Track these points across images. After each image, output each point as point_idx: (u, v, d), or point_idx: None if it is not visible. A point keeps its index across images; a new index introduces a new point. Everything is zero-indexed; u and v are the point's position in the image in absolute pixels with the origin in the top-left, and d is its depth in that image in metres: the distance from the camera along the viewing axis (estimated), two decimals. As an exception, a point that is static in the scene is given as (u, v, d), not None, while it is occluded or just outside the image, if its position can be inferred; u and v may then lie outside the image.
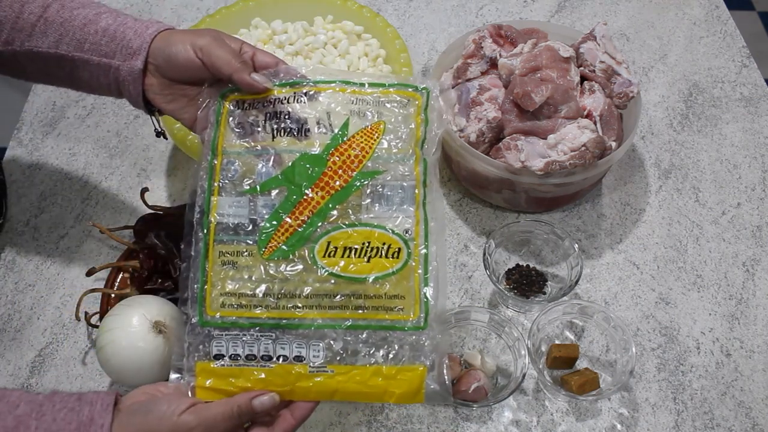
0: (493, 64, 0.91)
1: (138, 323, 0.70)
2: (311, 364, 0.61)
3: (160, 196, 0.95)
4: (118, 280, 0.84)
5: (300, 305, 0.61)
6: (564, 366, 0.79)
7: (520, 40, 0.91)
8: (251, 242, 0.62)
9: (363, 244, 0.62)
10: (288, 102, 0.65)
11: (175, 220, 0.81)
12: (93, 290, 0.81)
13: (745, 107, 1.04)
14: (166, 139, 0.80)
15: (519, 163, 0.82)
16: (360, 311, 0.61)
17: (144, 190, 0.85)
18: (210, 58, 0.64)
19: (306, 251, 0.61)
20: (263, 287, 0.61)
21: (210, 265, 0.61)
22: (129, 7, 1.17)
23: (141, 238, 0.82)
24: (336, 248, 0.62)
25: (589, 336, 0.82)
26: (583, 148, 0.81)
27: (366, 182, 0.63)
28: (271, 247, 0.61)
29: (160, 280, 0.79)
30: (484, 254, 0.81)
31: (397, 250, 0.62)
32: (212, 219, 0.62)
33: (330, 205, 0.62)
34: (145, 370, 0.70)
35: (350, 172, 0.63)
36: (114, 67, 0.67)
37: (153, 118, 0.73)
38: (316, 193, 0.62)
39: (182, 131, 0.85)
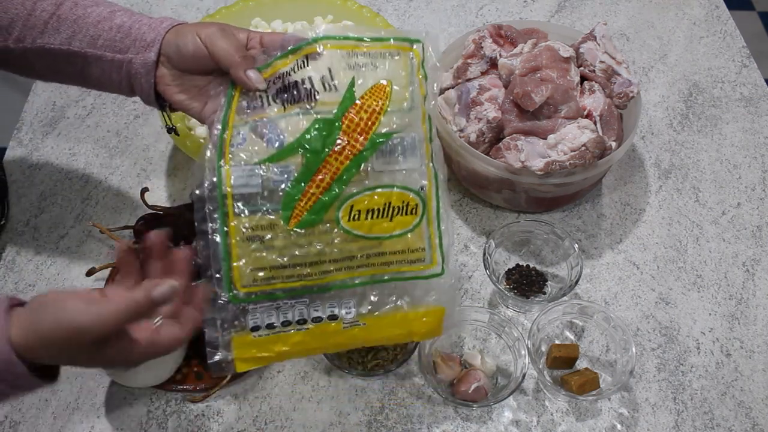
0: (493, 64, 0.91)
1: (138, 323, 0.70)
2: (344, 321, 0.64)
3: (160, 196, 0.95)
4: (118, 280, 0.84)
5: (329, 269, 0.63)
6: (564, 366, 0.79)
7: (520, 40, 0.91)
8: (274, 213, 0.61)
9: (384, 204, 0.64)
10: (294, 72, 0.64)
11: (175, 220, 0.81)
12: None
13: (745, 107, 1.04)
14: (178, 135, 0.79)
15: (519, 163, 0.82)
16: (386, 266, 0.65)
17: (144, 190, 0.85)
18: (213, 49, 0.64)
19: (331, 217, 0.62)
20: (292, 257, 0.61)
21: (233, 241, 0.60)
22: (129, 7, 1.16)
23: (141, 238, 0.82)
24: (360, 211, 0.63)
25: (589, 336, 0.82)
26: (583, 148, 0.81)
27: (381, 143, 0.64)
28: (296, 216, 0.61)
29: (160, 280, 0.79)
30: (484, 254, 0.81)
31: (415, 206, 0.65)
32: (226, 191, 0.61)
33: (349, 170, 0.63)
34: (146, 369, 0.70)
35: (365, 135, 0.63)
36: (127, 61, 0.68)
37: (164, 114, 0.73)
38: (335, 159, 0.62)
39: (182, 132, 0.85)
